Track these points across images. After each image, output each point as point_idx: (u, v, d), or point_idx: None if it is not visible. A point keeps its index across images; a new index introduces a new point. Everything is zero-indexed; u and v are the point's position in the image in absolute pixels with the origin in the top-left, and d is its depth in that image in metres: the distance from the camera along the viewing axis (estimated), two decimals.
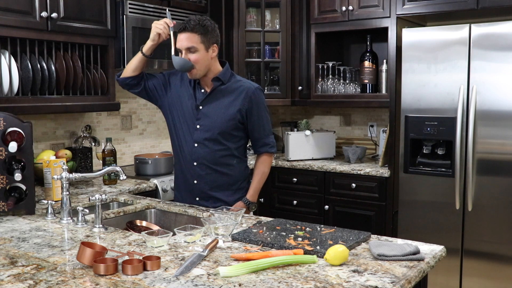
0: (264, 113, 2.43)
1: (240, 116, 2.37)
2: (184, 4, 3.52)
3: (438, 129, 3.16)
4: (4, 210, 2.15)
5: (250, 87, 2.39)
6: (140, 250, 1.70)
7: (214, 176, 2.41)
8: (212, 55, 2.33)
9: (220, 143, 2.38)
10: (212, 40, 2.32)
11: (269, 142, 2.46)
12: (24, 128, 2.20)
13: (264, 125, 2.44)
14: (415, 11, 3.37)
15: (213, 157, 2.39)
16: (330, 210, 3.69)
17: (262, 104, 2.42)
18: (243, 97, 2.37)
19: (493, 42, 2.97)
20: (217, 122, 2.36)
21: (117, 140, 3.63)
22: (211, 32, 2.31)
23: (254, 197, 2.46)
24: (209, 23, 2.31)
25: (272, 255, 1.58)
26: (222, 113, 2.37)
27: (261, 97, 2.43)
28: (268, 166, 2.49)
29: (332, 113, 4.42)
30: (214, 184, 2.42)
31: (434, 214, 3.21)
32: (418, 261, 1.59)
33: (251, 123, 2.40)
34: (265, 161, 2.48)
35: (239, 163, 2.45)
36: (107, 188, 2.87)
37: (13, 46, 2.65)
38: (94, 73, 3.04)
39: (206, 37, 2.28)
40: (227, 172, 2.42)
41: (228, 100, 2.37)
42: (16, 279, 1.45)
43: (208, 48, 2.31)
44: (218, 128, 2.36)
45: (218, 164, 2.40)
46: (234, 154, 2.43)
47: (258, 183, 2.47)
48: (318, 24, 3.85)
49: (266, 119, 2.44)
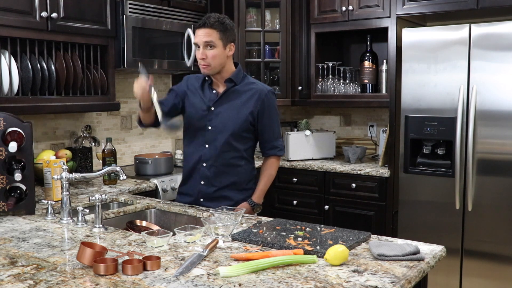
0: (275, 116, 2.42)
1: (252, 118, 2.36)
2: (184, 4, 3.52)
3: (438, 129, 3.16)
4: (4, 210, 2.15)
5: (263, 89, 2.38)
6: (140, 250, 1.70)
7: (221, 177, 2.40)
8: (228, 53, 2.33)
9: (230, 145, 2.37)
10: (230, 38, 2.31)
11: (278, 145, 2.45)
12: (24, 128, 2.20)
13: (274, 128, 2.43)
14: (415, 11, 3.37)
15: (222, 158, 2.38)
16: (330, 210, 3.69)
17: (274, 107, 2.41)
18: (256, 99, 2.35)
19: (493, 42, 2.97)
20: (229, 124, 2.35)
21: (117, 140, 3.63)
22: (230, 30, 2.31)
23: (259, 198, 2.45)
24: (228, 22, 2.32)
25: (272, 255, 1.58)
26: (234, 114, 2.35)
27: (273, 100, 2.41)
28: (275, 169, 2.49)
29: (332, 113, 4.42)
30: (221, 185, 2.41)
31: (434, 214, 3.21)
32: (418, 261, 1.59)
33: (261, 125, 2.39)
34: (273, 164, 2.48)
35: (246, 164, 2.44)
36: (107, 188, 2.87)
37: (13, 46, 2.65)
38: (94, 73, 3.04)
39: (225, 34, 2.28)
40: (235, 173, 2.41)
41: (241, 102, 2.36)
42: (16, 279, 1.45)
43: (226, 45, 2.30)
44: (230, 130, 2.35)
45: (226, 165, 2.39)
46: (243, 155, 2.41)
47: (264, 185, 2.46)
48: (318, 24, 3.85)
49: (276, 122, 2.44)
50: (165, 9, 3.36)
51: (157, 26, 3.30)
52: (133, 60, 3.16)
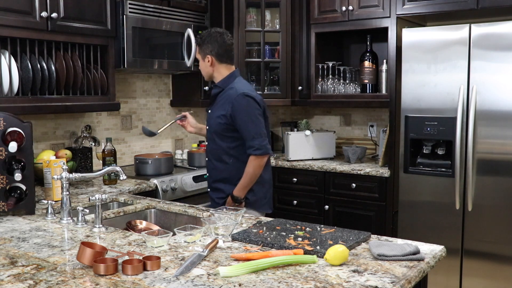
0: (247, 117, 2.54)
1: (225, 119, 2.57)
2: (184, 4, 3.52)
3: (438, 129, 3.16)
4: (4, 210, 2.15)
5: (233, 94, 2.57)
6: (140, 250, 1.70)
7: (215, 170, 2.69)
8: (208, 64, 2.64)
9: (215, 142, 2.66)
10: (206, 51, 2.63)
11: (254, 145, 2.53)
12: (24, 128, 2.20)
13: (248, 128, 2.53)
14: (415, 11, 3.37)
15: (214, 154, 2.68)
16: (330, 210, 3.69)
17: (244, 108, 2.54)
18: (228, 103, 2.57)
19: (493, 42, 2.97)
20: (212, 124, 2.67)
21: (117, 140, 3.63)
22: (205, 44, 2.62)
23: (238, 192, 2.58)
24: (206, 35, 2.63)
25: (272, 255, 1.58)
26: (214, 116, 2.65)
27: (243, 102, 2.54)
28: (253, 167, 2.56)
29: (332, 113, 4.42)
30: (216, 178, 2.69)
31: (434, 214, 3.21)
32: (418, 261, 1.59)
33: (238, 126, 2.56)
34: (250, 162, 2.56)
35: (235, 162, 2.62)
36: (107, 188, 2.87)
37: (13, 46, 2.65)
38: (94, 73, 3.03)
39: (201, 48, 2.65)
40: (224, 169, 2.65)
41: (219, 105, 2.64)
42: (16, 279, 1.45)
43: (204, 58, 2.64)
44: (213, 129, 2.66)
45: (217, 161, 2.67)
46: (230, 153, 2.63)
47: (243, 180, 2.58)
48: (318, 24, 3.85)
49: (250, 122, 2.54)
50: (165, 9, 3.36)
51: (157, 26, 3.30)
52: (133, 60, 3.16)
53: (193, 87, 3.87)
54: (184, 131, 4.14)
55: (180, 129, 4.12)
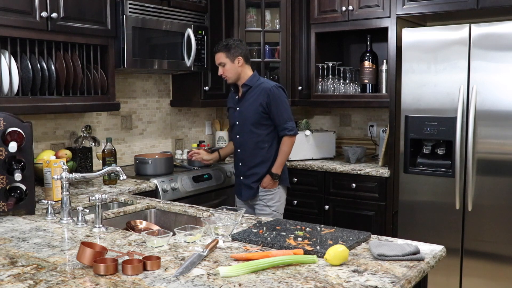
0: (281, 105, 3.00)
1: (262, 108, 2.99)
2: (184, 4, 3.52)
3: (438, 129, 3.16)
4: (4, 210, 2.15)
5: (267, 86, 3.01)
6: (140, 250, 1.70)
7: (252, 157, 3.07)
8: (238, 65, 3.03)
9: (252, 132, 3.04)
10: (235, 54, 3.02)
11: (287, 127, 3.01)
12: (24, 128, 2.20)
13: (282, 114, 3.00)
14: (415, 11, 3.37)
15: (252, 143, 3.06)
16: (330, 210, 3.69)
17: (278, 97, 3.00)
18: (263, 94, 3.00)
19: (493, 42, 2.97)
20: (248, 117, 3.04)
21: (117, 140, 3.63)
22: (234, 48, 3.02)
23: (277, 169, 3.03)
24: (232, 42, 3.04)
25: (272, 255, 1.58)
26: (249, 109, 3.04)
27: (277, 92, 3.01)
28: (288, 145, 3.04)
29: (332, 113, 4.42)
30: (252, 164, 3.08)
31: (434, 214, 3.21)
32: (418, 261, 1.59)
33: (272, 113, 3.00)
34: (285, 142, 3.03)
35: (270, 146, 3.06)
36: (107, 188, 2.87)
37: (13, 46, 2.64)
38: (94, 73, 3.03)
39: (229, 52, 3.02)
40: (261, 154, 3.05)
41: (252, 99, 3.04)
42: (16, 279, 1.45)
43: (233, 60, 3.03)
44: (250, 120, 3.03)
45: (255, 148, 3.06)
46: (265, 139, 3.05)
47: (280, 158, 3.04)
48: (318, 24, 3.85)
49: (284, 109, 3.01)
50: (165, 9, 3.36)
51: (157, 26, 3.30)
52: (133, 60, 3.16)
53: (193, 87, 3.87)
54: (184, 131, 4.16)
55: (180, 129, 4.14)
